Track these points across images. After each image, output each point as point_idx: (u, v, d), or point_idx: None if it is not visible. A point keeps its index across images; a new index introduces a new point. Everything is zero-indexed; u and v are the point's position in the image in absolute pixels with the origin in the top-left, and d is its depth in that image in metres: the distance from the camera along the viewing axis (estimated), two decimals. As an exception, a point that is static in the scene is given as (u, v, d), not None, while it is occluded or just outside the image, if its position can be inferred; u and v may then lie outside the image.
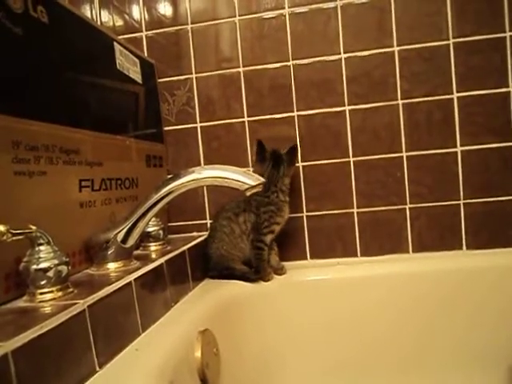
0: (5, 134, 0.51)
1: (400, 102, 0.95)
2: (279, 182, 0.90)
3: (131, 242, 0.65)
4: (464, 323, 0.88)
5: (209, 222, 1.02)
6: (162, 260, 0.70)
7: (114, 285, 0.54)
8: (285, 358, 0.89)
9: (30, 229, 0.48)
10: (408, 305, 0.89)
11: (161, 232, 0.81)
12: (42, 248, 0.49)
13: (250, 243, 0.89)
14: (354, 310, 0.90)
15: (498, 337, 0.86)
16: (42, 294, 0.48)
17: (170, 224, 1.03)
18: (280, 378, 0.87)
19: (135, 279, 0.59)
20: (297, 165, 0.98)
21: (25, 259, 0.48)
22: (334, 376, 0.90)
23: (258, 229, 0.89)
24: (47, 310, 0.45)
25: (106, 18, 1.03)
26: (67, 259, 0.50)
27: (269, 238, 0.90)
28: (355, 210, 0.98)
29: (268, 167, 0.90)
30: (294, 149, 0.92)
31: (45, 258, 0.48)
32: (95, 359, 0.47)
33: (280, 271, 0.93)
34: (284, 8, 0.97)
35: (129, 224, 0.63)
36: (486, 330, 0.87)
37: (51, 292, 0.48)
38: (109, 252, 0.64)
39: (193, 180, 0.61)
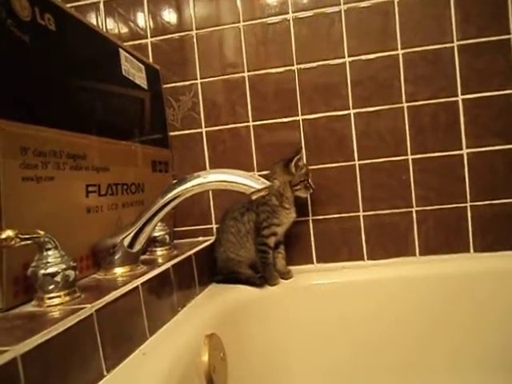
0: (13, 140, 0.51)
1: (405, 104, 0.95)
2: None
3: (138, 246, 0.65)
4: (470, 325, 0.87)
5: (215, 226, 1.02)
6: (169, 265, 0.70)
7: (121, 289, 0.54)
8: (291, 362, 0.89)
9: (38, 234, 0.48)
10: (414, 308, 0.89)
11: (167, 237, 0.81)
12: (49, 253, 0.49)
13: (255, 245, 0.90)
14: (360, 313, 0.90)
15: (503, 339, 0.85)
16: (49, 298, 0.48)
17: (176, 229, 1.03)
18: (286, 382, 0.87)
19: (142, 284, 0.59)
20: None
21: (33, 264, 0.49)
22: (340, 379, 0.90)
23: (258, 229, 0.89)
24: (55, 314, 0.45)
25: (111, 25, 1.04)
26: (74, 264, 0.51)
27: (271, 241, 0.90)
28: (361, 214, 0.98)
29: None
30: (290, 160, 0.90)
31: (52, 262, 0.48)
32: (103, 363, 0.48)
33: (286, 275, 0.93)
34: (288, 13, 0.97)
35: (135, 229, 0.64)
36: (492, 332, 0.86)
37: (59, 297, 0.49)
38: (116, 257, 0.64)
39: (198, 184, 0.62)
